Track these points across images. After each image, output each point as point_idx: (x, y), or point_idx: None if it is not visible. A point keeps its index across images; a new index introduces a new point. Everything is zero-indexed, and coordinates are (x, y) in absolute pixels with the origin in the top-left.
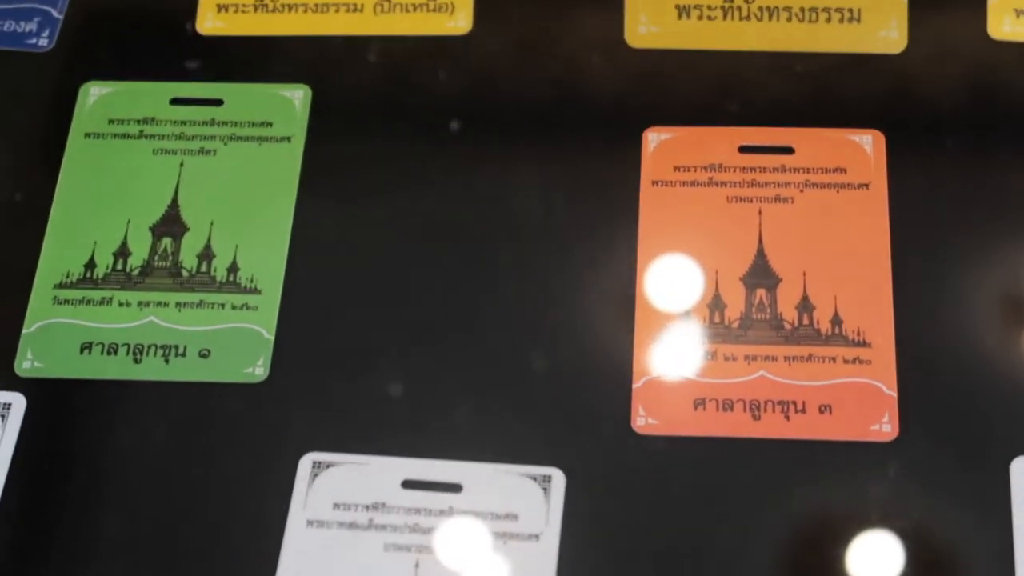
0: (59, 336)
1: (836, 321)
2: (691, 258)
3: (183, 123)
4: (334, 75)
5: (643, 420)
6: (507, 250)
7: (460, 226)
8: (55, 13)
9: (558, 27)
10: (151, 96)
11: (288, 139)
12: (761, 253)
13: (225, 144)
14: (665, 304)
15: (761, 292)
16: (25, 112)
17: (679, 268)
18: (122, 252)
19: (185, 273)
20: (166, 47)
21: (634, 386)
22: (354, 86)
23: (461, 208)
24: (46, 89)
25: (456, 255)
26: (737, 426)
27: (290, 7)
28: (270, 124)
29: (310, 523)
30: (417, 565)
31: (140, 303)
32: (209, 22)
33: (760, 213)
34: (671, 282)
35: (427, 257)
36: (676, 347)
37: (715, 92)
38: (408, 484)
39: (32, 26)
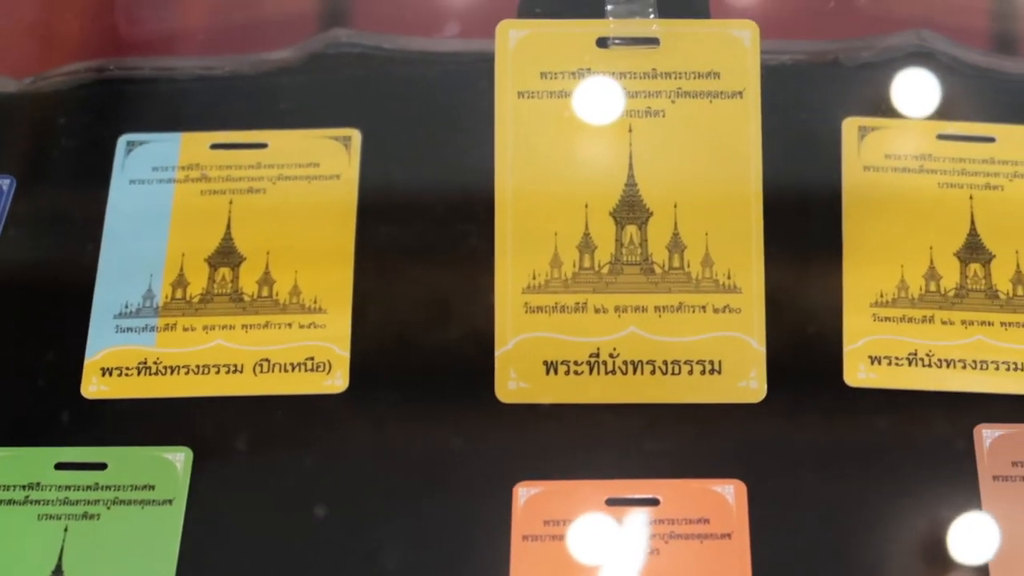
0: None
1: None
2: None
3: (67, 488)
4: (215, 437)
5: None
6: None
7: None
8: None
9: (430, 384)
10: (35, 461)
11: (170, 502)
12: None
13: (108, 508)
14: None
15: None
16: None
17: None
18: None
19: None
20: (50, 411)
21: None
22: (233, 448)
23: None
24: None
25: None
26: None
27: (172, 369)
28: (152, 487)
29: None
30: None
31: None
32: (93, 386)
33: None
34: None
35: None
36: None
37: (583, 445)
38: None
39: None
